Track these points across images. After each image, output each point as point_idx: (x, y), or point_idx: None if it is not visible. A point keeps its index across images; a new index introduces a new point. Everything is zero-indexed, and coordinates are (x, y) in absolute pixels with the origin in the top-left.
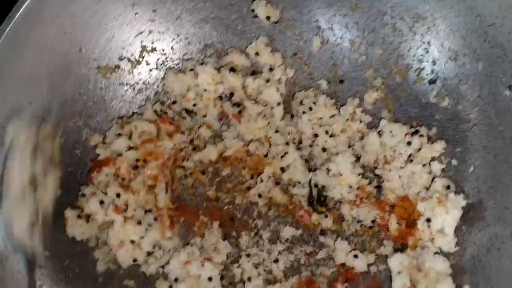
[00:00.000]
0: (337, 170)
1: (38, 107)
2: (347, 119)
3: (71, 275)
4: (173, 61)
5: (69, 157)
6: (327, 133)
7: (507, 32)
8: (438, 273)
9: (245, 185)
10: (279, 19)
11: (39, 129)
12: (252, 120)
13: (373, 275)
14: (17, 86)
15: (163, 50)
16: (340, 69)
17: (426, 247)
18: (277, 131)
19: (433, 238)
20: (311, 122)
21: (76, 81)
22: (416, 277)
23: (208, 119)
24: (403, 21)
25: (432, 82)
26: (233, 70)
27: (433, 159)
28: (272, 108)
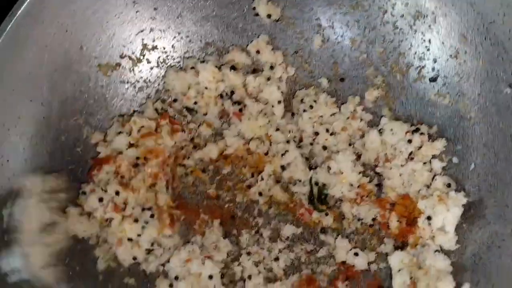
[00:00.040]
0: (338, 168)
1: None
2: (348, 117)
3: (71, 273)
4: (174, 59)
5: (70, 155)
6: (327, 131)
7: (508, 29)
8: (438, 271)
9: (245, 183)
10: (280, 17)
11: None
12: (252, 118)
13: (373, 273)
14: (17, 86)
15: (164, 48)
16: (340, 67)
17: (426, 245)
18: (277, 129)
19: (434, 236)
20: (311, 120)
21: (76, 79)
22: (416, 275)
23: (208, 117)
24: (404, 19)
25: (432, 80)
26: (234, 68)
27: (433, 157)
28: (272, 106)
